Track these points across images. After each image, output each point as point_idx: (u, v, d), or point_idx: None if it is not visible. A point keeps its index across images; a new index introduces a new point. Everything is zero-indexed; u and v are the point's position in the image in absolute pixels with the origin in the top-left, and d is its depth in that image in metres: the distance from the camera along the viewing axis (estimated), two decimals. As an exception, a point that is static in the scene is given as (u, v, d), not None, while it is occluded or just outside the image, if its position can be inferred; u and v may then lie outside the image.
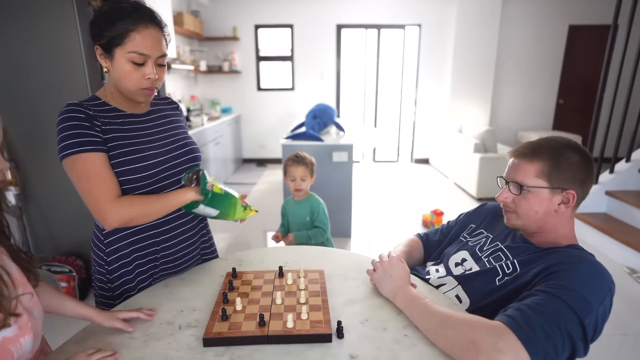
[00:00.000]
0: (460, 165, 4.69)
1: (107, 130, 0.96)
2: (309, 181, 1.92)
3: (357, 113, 6.10)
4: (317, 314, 0.90)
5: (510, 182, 0.96)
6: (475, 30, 5.26)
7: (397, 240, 1.35)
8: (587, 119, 5.70)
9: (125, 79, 0.94)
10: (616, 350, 1.95)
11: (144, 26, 0.92)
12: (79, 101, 0.97)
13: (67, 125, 0.92)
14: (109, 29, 0.91)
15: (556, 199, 0.91)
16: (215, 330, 0.84)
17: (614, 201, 3.18)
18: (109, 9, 0.92)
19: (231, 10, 5.48)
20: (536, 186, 0.92)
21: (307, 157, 1.91)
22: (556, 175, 0.90)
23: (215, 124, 4.55)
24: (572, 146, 0.93)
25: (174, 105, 1.19)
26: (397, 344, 0.82)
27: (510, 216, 0.99)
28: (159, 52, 0.95)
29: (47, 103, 2.13)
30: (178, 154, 1.08)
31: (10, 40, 2.05)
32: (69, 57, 2.08)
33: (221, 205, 1.05)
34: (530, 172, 0.92)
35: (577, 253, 0.88)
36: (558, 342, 0.73)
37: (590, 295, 0.77)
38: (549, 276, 0.82)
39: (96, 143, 0.93)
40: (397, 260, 1.00)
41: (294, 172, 1.88)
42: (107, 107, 1.00)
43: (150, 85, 0.97)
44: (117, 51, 0.92)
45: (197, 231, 1.18)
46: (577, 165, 0.90)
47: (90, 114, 0.95)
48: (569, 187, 0.90)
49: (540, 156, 0.92)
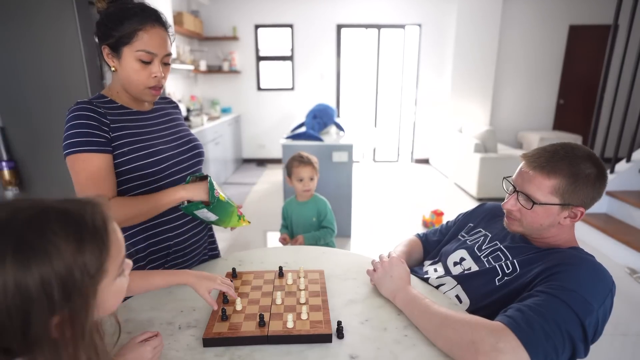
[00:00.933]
0: (460, 165, 4.69)
1: (116, 128, 0.99)
2: (316, 180, 1.89)
3: (357, 113, 6.10)
4: (317, 314, 0.90)
5: (520, 193, 0.91)
6: (476, 30, 5.26)
7: (397, 240, 1.35)
8: (587, 119, 5.70)
9: (133, 77, 0.97)
10: (617, 350, 1.95)
11: (151, 25, 0.95)
12: (88, 99, 0.99)
13: (75, 123, 0.94)
14: (117, 29, 0.93)
15: (564, 214, 0.89)
16: (215, 331, 0.84)
17: (614, 201, 3.18)
18: (116, 10, 0.94)
19: (231, 10, 5.48)
20: (548, 203, 0.88)
21: (311, 157, 1.89)
22: (570, 193, 0.87)
23: (215, 123, 4.55)
24: (592, 159, 0.88)
25: (173, 104, 1.23)
26: (397, 344, 0.82)
27: (512, 222, 0.96)
28: (165, 50, 0.98)
29: (47, 103, 2.13)
30: (184, 149, 1.12)
31: (10, 40, 2.05)
32: (69, 57, 2.08)
33: (221, 213, 1.09)
34: (545, 188, 0.88)
35: (578, 254, 0.88)
36: (558, 342, 0.73)
37: (590, 296, 0.76)
38: (550, 277, 0.82)
39: (101, 144, 0.95)
40: (398, 260, 1.00)
41: (302, 173, 1.84)
42: (115, 104, 1.02)
43: (156, 83, 0.99)
44: (125, 50, 0.94)
45: (203, 227, 1.21)
46: (593, 183, 0.86)
47: (100, 112, 0.97)
48: (580, 204, 0.88)
49: (558, 172, 0.87)
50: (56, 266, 0.44)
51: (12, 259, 0.42)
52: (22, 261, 0.42)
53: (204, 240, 1.22)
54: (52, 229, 0.45)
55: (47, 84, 2.11)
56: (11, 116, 2.14)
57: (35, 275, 0.43)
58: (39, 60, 2.08)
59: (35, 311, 0.43)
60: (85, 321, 0.46)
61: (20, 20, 2.03)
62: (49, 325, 0.44)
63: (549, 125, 5.97)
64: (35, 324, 0.43)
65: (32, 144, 2.18)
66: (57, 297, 0.44)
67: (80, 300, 0.46)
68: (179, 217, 1.10)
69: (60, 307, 0.44)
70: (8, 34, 2.04)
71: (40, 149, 2.19)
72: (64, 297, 0.44)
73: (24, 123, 2.15)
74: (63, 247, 0.44)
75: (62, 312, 0.44)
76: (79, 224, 0.47)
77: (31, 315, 0.43)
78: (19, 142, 2.18)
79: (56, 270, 0.44)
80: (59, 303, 0.44)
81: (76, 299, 0.45)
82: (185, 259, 1.14)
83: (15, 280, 0.42)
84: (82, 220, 0.47)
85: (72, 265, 0.45)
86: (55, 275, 0.44)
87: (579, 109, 5.86)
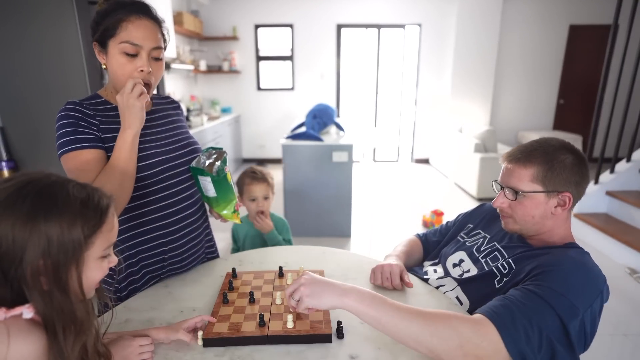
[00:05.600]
0: (460, 165, 4.69)
1: (106, 130, 0.96)
2: (271, 200, 1.62)
3: (357, 113, 6.10)
4: (317, 314, 0.89)
5: (506, 188, 0.95)
6: (476, 29, 5.25)
7: (397, 240, 1.35)
8: (587, 119, 5.70)
9: (118, 71, 0.93)
10: (617, 350, 1.95)
11: (136, 17, 0.92)
12: (79, 100, 0.98)
13: (63, 123, 0.93)
14: (102, 22, 0.91)
15: (552, 202, 0.91)
16: (215, 331, 0.84)
17: (614, 201, 3.17)
18: (107, 6, 0.93)
19: (231, 9, 5.48)
20: (531, 191, 0.91)
21: (265, 172, 1.62)
22: (550, 178, 0.89)
23: (215, 123, 4.55)
24: (566, 147, 0.92)
25: (174, 104, 1.20)
26: (397, 344, 0.82)
27: (507, 221, 0.98)
28: (152, 43, 0.93)
29: (47, 103, 2.13)
30: (180, 153, 1.08)
31: (11, 40, 2.05)
32: (69, 57, 2.08)
33: (221, 192, 1.06)
34: (524, 177, 0.91)
35: (571, 253, 0.88)
36: (536, 346, 0.72)
37: (578, 300, 0.76)
38: (540, 275, 0.81)
39: (90, 140, 0.93)
40: (308, 273, 0.84)
41: (254, 191, 1.56)
42: (108, 105, 1.00)
43: (143, 77, 0.93)
44: (110, 43, 0.92)
45: (202, 230, 1.18)
46: (570, 167, 0.89)
47: (89, 113, 0.95)
48: (565, 189, 0.90)
49: (533, 160, 0.91)
50: (64, 216, 0.56)
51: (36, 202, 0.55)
52: (44, 205, 0.55)
53: (202, 242, 1.19)
54: (72, 189, 0.59)
55: (47, 84, 2.11)
56: (11, 116, 2.14)
57: (45, 218, 0.54)
58: (39, 60, 2.08)
59: (31, 247, 0.53)
60: (67, 276, 0.56)
61: (20, 20, 2.03)
62: (37, 266, 0.54)
63: (549, 125, 5.97)
64: (29, 255, 0.53)
65: (32, 144, 2.18)
66: (54, 244, 0.55)
67: (67, 254, 0.56)
68: (174, 222, 1.06)
69: (50, 255, 0.54)
70: (8, 34, 2.04)
71: (40, 149, 2.19)
72: (58, 247, 0.55)
73: (24, 123, 2.15)
74: (72, 203, 0.57)
75: (49, 259, 0.54)
76: (89, 196, 0.60)
77: (26, 250, 0.53)
78: (19, 142, 2.18)
79: (62, 220, 0.55)
80: (52, 249, 0.54)
81: (66, 251, 0.56)
82: (183, 264, 1.12)
83: (28, 217, 0.54)
84: (92, 195, 0.60)
85: (74, 222, 0.56)
86: (60, 225, 0.55)
87: (579, 108, 5.86)
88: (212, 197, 1.08)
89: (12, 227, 0.53)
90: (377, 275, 1.05)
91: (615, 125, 3.43)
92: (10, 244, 0.53)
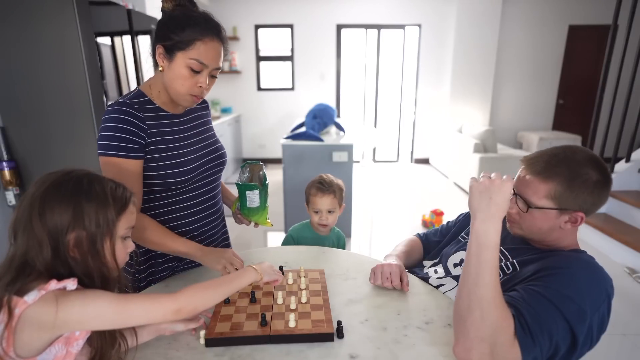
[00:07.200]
0: (460, 165, 4.69)
1: (153, 134, 0.99)
2: (337, 213, 1.48)
3: (357, 113, 6.10)
4: (319, 313, 0.90)
5: (518, 196, 0.90)
6: (475, 30, 5.26)
7: (397, 240, 1.35)
8: (587, 119, 5.70)
9: (178, 81, 0.96)
10: (617, 350, 1.95)
11: (210, 38, 0.95)
12: (129, 100, 0.98)
13: (113, 125, 0.94)
14: (177, 33, 0.93)
15: (563, 218, 0.87)
16: (217, 331, 0.84)
17: (614, 201, 3.18)
18: (181, 15, 0.95)
19: (231, 10, 5.48)
20: (544, 207, 0.86)
21: (334, 183, 1.48)
22: (567, 198, 0.84)
23: (215, 124, 4.54)
24: (592, 162, 0.85)
25: (204, 104, 1.22)
26: (397, 344, 0.82)
27: (513, 225, 0.96)
28: (216, 64, 0.98)
29: (47, 103, 2.13)
30: (210, 158, 1.13)
31: (10, 40, 2.05)
32: (69, 57, 2.08)
33: (262, 202, 1.16)
34: (540, 192, 0.86)
35: (578, 256, 0.87)
36: (545, 349, 0.75)
37: (586, 304, 0.76)
38: (547, 276, 0.82)
39: (135, 150, 0.96)
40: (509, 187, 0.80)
41: (317, 204, 1.45)
42: (152, 105, 1.02)
43: (199, 93, 0.99)
44: (178, 54, 0.94)
45: (219, 229, 1.23)
46: (592, 188, 0.84)
47: (140, 117, 0.97)
48: (579, 209, 0.85)
49: (554, 177, 0.85)
50: (100, 198, 0.69)
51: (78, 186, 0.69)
52: (84, 189, 0.69)
53: (220, 239, 1.24)
54: (104, 180, 0.73)
55: (47, 84, 2.11)
56: (12, 116, 2.14)
57: (86, 199, 0.68)
58: (39, 60, 2.08)
59: (74, 221, 0.66)
60: (102, 246, 0.69)
61: (21, 20, 2.03)
62: (79, 237, 0.67)
63: (549, 125, 5.98)
64: (72, 227, 0.66)
65: (32, 144, 2.18)
66: (92, 220, 0.68)
67: (102, 228, 0.69)
68: (196, 220, 1.12)
69: (89, 228, 0.68)
70: (8, 34, 2.04)
71: (40, 149, 2.19)
72: (96, 223, 0.68)
73: (24, 123, 2.15)
74: (105, 190, 0.71)
75: (89, 231, 0.67)
76: (117, 189, 0.73)
77: (70, 223, 0.66)
78: (19, 142, 2.18)
79: (98, 201, 0.69)
80: (91, 224, 0.68)
81: (101, 225, 0.69)
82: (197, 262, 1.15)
83: (72, 195, 0.67)
84: (118, 190, 0.73)
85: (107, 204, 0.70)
86: (96, 205, 0.69)
87: (579, 108, 5.86)
88: (254, 208, 1.16)
89: (59, 203, 0.66)
90: (377, 275, 1.05)
91: (615, 126, 3.43)
92: (57, 218, 0.65)
